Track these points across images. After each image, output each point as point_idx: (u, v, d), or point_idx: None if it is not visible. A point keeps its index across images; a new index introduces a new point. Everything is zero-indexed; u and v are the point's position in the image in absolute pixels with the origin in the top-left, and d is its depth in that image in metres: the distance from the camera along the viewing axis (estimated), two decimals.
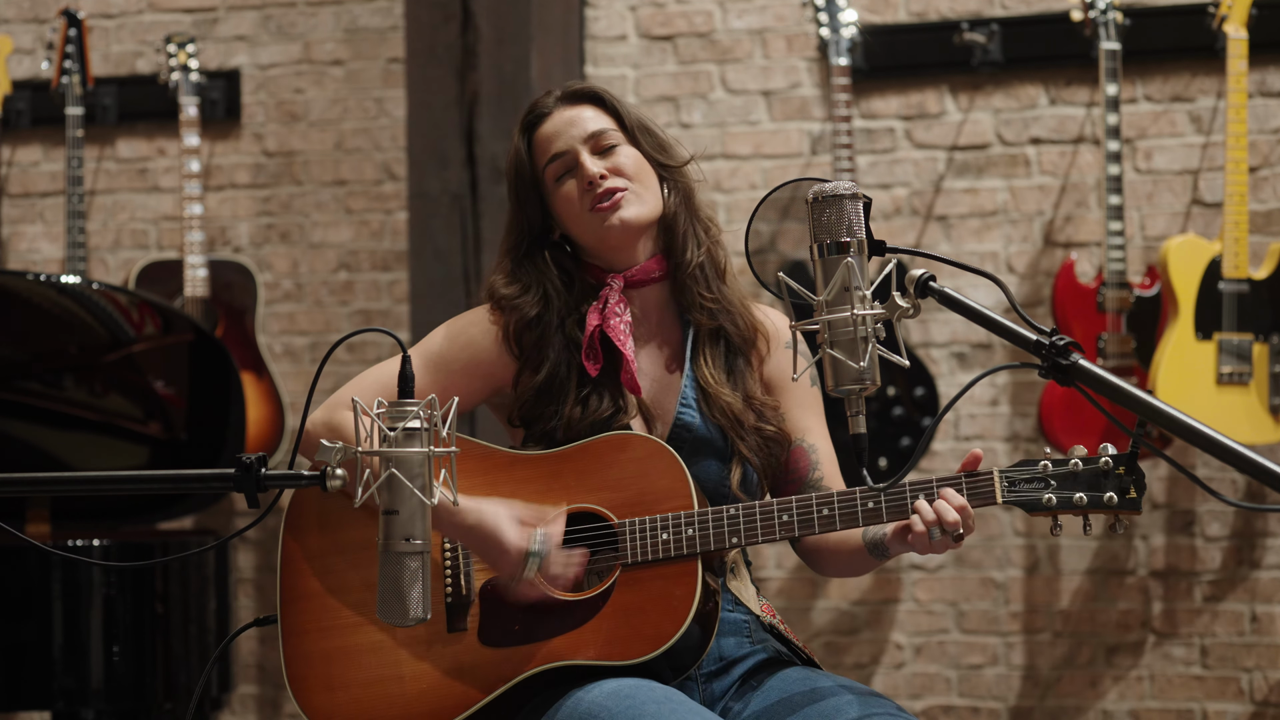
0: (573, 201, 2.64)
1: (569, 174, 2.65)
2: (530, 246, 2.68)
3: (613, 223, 2.62)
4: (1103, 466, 2.43)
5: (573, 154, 2.64)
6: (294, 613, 2.62)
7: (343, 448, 1.99)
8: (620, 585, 2.51)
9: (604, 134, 2.66)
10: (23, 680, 4.15)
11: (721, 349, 2.67)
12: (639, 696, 2.38)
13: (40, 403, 4.42)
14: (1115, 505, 2.43)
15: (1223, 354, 4.48)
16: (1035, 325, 2.09)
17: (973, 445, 4.89)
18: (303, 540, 2.62)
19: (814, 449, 2.67)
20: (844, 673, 4.89)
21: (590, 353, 2.61)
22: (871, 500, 2.47)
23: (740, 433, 2.62)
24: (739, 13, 5.03)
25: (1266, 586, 4.73)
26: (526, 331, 2.65)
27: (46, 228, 5.43)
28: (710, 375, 2.64)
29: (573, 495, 2.56)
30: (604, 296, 2.64)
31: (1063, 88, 4.84)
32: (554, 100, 2.69)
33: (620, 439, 2.57)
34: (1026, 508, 2.45)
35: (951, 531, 2.41)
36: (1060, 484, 2.44)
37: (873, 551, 2.54)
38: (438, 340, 2.69)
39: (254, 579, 5.26)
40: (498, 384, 2.68)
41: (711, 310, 2.67)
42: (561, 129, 2.66)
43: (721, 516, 2.50)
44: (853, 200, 2.13)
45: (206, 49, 5.30)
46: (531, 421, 2.65)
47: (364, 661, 2.57)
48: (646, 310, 2.69)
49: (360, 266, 5.26)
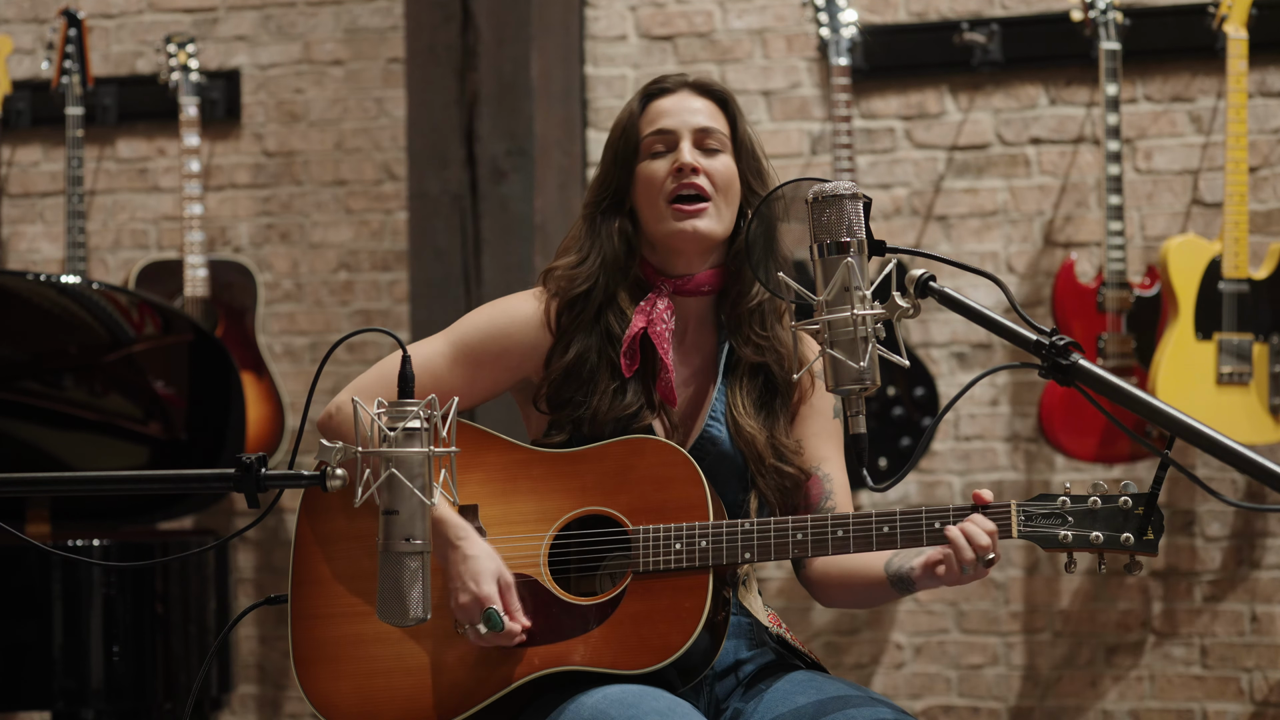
0: (655, 182, 2.61)
1: (666, 152, 2.62)
2: (609, 206, 2.65)
3: (685, 228, 2.59)
4: (1122, 506, 2.40)
5: (676, 136, 2.62)
6: (304, 596, 2.60)
7: (343, 447, 2.00)
8: (631, 592, 2.50)
9: (713, 133, 2.63)
10: (23, 680, 4.14)
11: (759, 383, 2.64)
12: (643, 705, 2.37)
13: (40, 403, 4.42)
14: (1132, 546, 2.39)
15: (1223, 354, 4.48)
16: (1035, 325, 2.08)
17: (973, 445, 4.89)
18: (318, 523, 2.60)
19: (829, 478, 2.65)
20: (844, 673, 4.89)
21: (630, 352, 2.60)
22: (887, 525, 2.44)
23: (760, 468, 2.60)
24: (739, 13, 5.03)
25: (1266, 586, 4.73)
26: (567, 310, 2.63)
27: (46, 228, 5.43)
28: (742, 404, 2.62)
29: (590, 497, 2.55)
30: (652, 299, 2.62)
31: (1063, 88, 4.84)
32: (682, 82, 2.67)
33: (642, 443, 2.55)
34: (1041, 543, 2.42)
35: (982, 556, 2.38)
36: (1077, 521, 2.41)
37: (895, 585, 2.51)
38: (470, 328, 2.66)
39: (254, 579, 5.25)
40: (526, 372, 2.66)
41: (760, 347, 2.64)
42: (678, 109, 2.63)
43: (736, 531, 2.48)
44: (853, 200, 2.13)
45: (206, 49, 5.30)
46: (560, 406, 2.62)
47: (370, 652, 2.56)
48: (685, 318, 2.66)
49: (360, 266, 5.26)
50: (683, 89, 2.66)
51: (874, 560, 2.53)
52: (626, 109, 2.68)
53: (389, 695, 2.54)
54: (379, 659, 2.55)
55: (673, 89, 2.66)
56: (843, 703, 2.44)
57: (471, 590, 2.49)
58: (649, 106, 2.66)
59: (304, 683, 2.58)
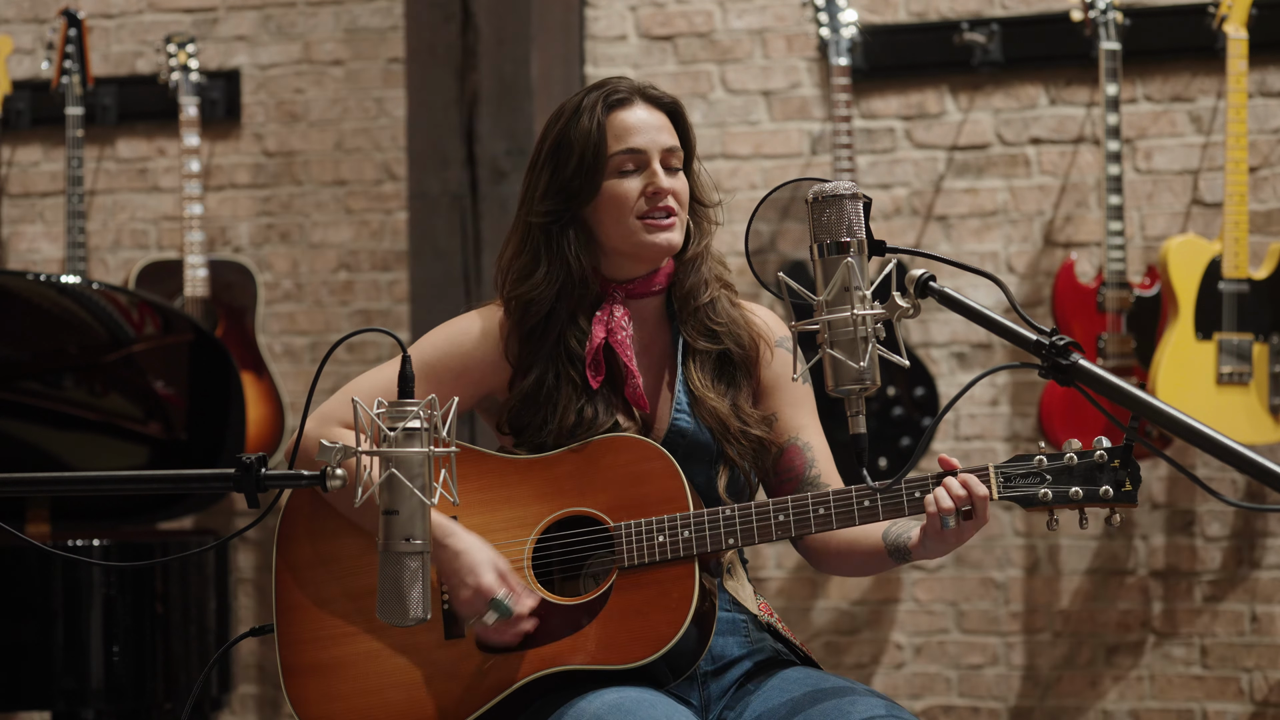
0: (627, 201, 2.60)
1: (636, 172, 2.61)
2: (567, 221, 2.63)
3: (659, 241, 2.60)
4: (1098, 460, 2.42)
5: (647, 156, 2.61)
6: (288, 623, 2.61)
7: (343, 448, 1.99)
8: (617, 588, 2.51)
9: (675, 152, 2.63)
10: (23, 680, 4.14)
11: (714, 356, 2.65)
12: (640, 712, 2.37)
13: (40, 403, 4.42)
14: (1111, 499, 2.42)
15: (1223, 354, 4.48)
16: (1035, 325, 2.08)
17: (973, 445, 4.89)
18: (292, 552, 2.62)
19: (809, 446, 2.66)
20: (844, 673, 4.89)
21: (595, 364, 2.60)
22: (868, 499, 2.46)
23: (728, 436, 2.61)
24: (739, 13, 5.03)
25: (1266, 586, 4.73)
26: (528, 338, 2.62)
27: (46, 228, 5.43)
28: (699, 379, 2.63)
29: (568, 499, 2.56)
30: (608, 308, 2.63)
31: (1063, 88, 4.84)
32: (635, 92, 2.64)
33: (615, 441, 2.56)
34: (1022, 503, 2.44)
35: (960, 506, 2.40)
36: (1055, 479, 2.44)
37: (893, 554, 2.52)
38: (429, 346, 2.67)
39: (254, 579, 5.26)
40: (489, 389, 2.67)
41: (716, 334, 2.65)
42: (644, 126, 2.62)
43: (718, 518, 2.50)
44: (853, 200, 2.13)
45: (206, 49, 5.30)
46: (520, 430, 2.64)
47: (361, 670, 2.56)
48: (642, 318, 2.67)
49: (360, 266, 5.26)
50: (638, 100, 2.63)
51: (873, 530, 2.55)
52: (588, 116, 2.61)
53: (383, 711, 2.54)
54: (370, 677, 2.55)
55: (629, 99, 2.63)
56: (835, 695, 2.44)
57: (471, 585, 2.49)
58: (611, 119, 2.62)
59: (297, 707, 2.58)
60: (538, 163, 2.65)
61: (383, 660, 2.56)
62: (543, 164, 2.65)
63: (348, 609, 2.57)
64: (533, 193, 2.65)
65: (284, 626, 2.61)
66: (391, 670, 2.55)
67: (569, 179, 2.62)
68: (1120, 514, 2.44)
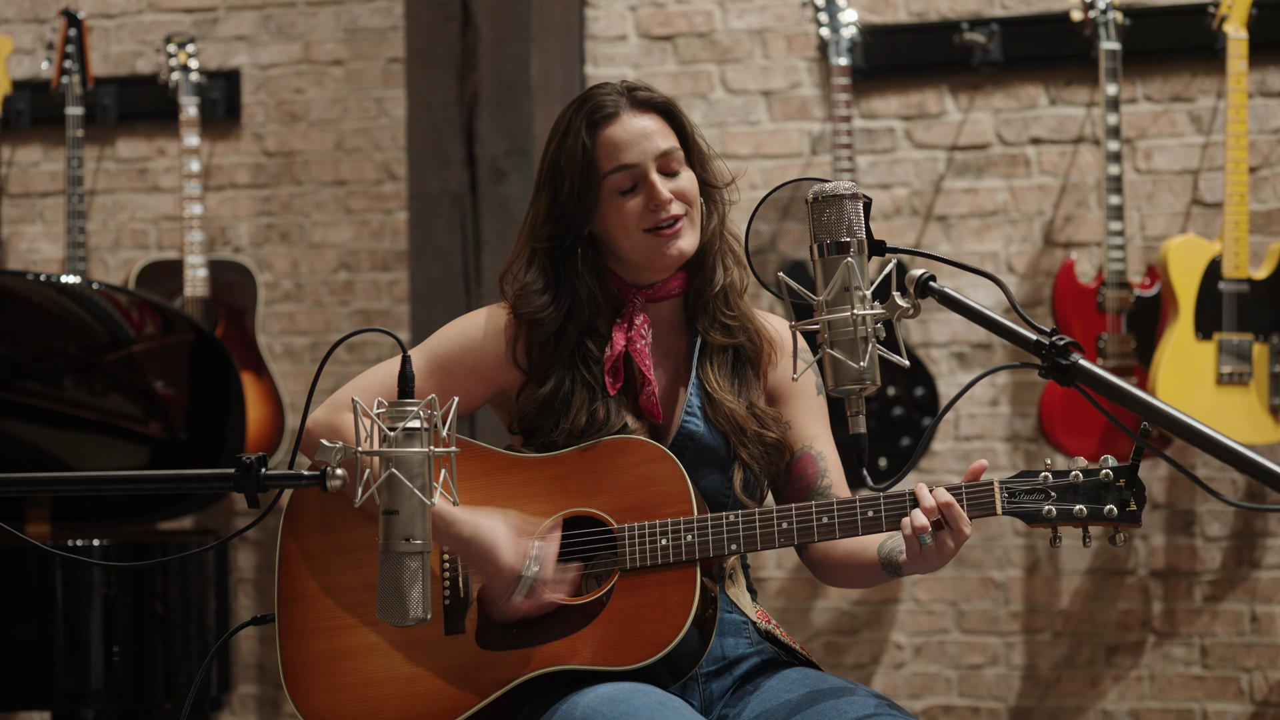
0: (630, 219, 2.58)
1: (634, 188, 2.58)
2: (572, 244, 2.61)
3: (670, 252, 2.58)
4: (1103, 479, 2.41)
5: (642, 169, 2.57)
6: (292, 612, 2.61)
7: (343, 448, 1.99)
8: (619, 590, 2.51)
9: (673, 154, 2.59)
10: (23, 680, 4.14)
11: (729, 357, 2.65)
12: (634, 702, 2.37)
13: (40, 403, 4.42)
14: (1115, 518, 2.40)
15: (1223, 354, 4.48)
16: (1035, 325, 2.09)
17: (973, 445, 4.89)
18: (302, 539, 2.62)
19: (821, 456, 2.66)
20: (844, 673, 4.89)
21: (614, 371, 2.60)
22: (871, 509, 2.45)
23: (743, 439, 2.61)
24: (739, 13, 5.03)
25: (1266, 586, 4.73)
26: (540, 349, 2.62)
27: (46, 228, 5.43)
28: (716, 381, 2.62)
29: (573, 499, 2.55)
30: (628, 315, 2.62)
31: (1063, 88, 4.84)
32: (621, 101, 2.60)
33: (622, 443, 2.56)
34: (1026, 519, 2.43)
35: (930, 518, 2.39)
36: (1060, 496, 2.42)
37: (886, 568, 2.52)
38: (444, 340, 2.66)
39: (254, 579, 5.26)
40: (501, 386, 2.67)
41: (731, 328, 2.65)
42: (634, 139, 2.58)
43: (721, 523, 2.49)
44: (853, 200, 2.13)
45: (206, 49, 5.30)
46: (532, 432, 2.64)
47: (361, 663, 2.56)
48: (659, 322, 2.67)
49: (360, 266, 5.26)
50: (626, 109, 2.59)
51: (870, 543, 2.55)
52: (576, 142, 2.58)
53: (381, 705, 2.54)
54: (371, 670, 2.55)
55: (616, 111, 2.59)
56: (833, 695, 2.44)
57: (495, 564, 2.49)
58: (600, 136, 2.58)
59: (296, 699, 2.58)
60: (539, 186, 2.65)
61: (383, 654, 2.55)
62: (541, 188, 2.64)
63: (358, 599, 2.56)
64: (536, 217, 2.65)
65: (288, 615, 2.61)
66: (392, 664, 2.55)
67: (565, 203, 2.60)
68: (1124, 534, 2.42)
